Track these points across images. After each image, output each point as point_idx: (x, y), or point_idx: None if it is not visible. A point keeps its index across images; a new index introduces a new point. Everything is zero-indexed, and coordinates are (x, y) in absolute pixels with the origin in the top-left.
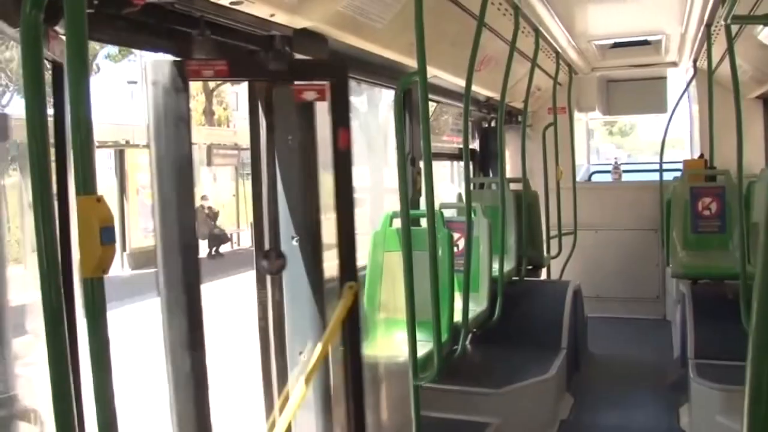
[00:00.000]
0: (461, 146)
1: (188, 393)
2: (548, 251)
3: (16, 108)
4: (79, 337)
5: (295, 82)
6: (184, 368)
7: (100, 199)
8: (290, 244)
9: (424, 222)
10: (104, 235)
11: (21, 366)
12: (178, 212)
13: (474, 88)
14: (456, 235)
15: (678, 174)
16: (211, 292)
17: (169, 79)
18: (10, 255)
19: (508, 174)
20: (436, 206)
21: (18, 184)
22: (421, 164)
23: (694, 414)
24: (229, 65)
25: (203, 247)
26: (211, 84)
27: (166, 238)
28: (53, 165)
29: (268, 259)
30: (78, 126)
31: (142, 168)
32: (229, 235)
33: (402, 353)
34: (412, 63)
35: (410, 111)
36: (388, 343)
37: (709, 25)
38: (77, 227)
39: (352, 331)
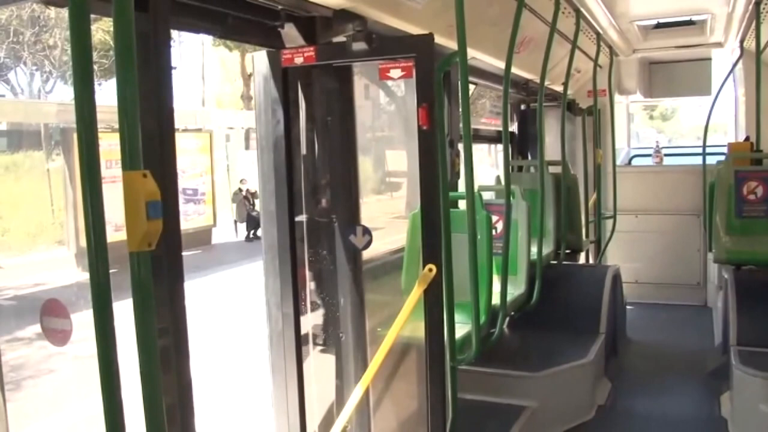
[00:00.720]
0: (499, 129)
1: (283, 341)
2: (587, 235)
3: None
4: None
5: (380, 61)
6: (279, 322)
7: (146, 175)
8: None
9: (461, 204)
10: (150, 210)
11: None
12: (276, 185)
13: (513, 70)
14: (494, 218)
15: (721, 158)
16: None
17: (267, 68)
18: (54, 237)
19: (547, 157)
20: (475, 189)
21: (62, 168)
22: (460, 146)
23: (736, 402)
24: (316, 51)
25: (242, 230)
26: (249, 69)
27: (265, 207)
28: None
29: (356, 235)
30: (125, 104)
31: (181, 152)
32: None
33: None
34: (450, 44)
35: (449, 93)
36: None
37: (758, 3)
38: (123, 202)
39: (431, 312)
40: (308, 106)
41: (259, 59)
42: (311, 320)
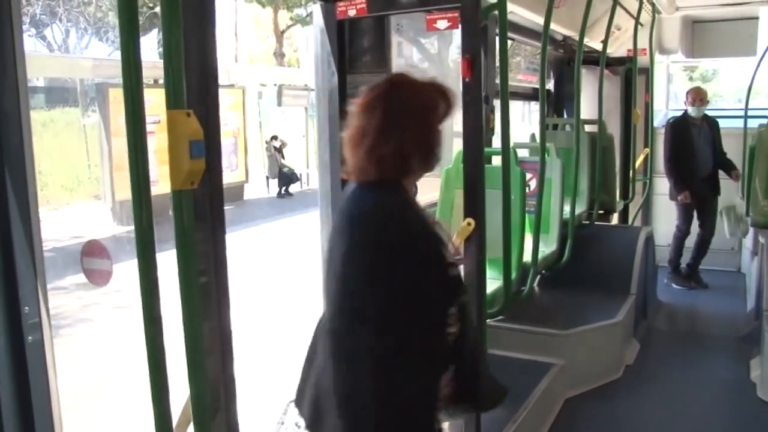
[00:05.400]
0: (534, 86)
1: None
2: (621, 196)
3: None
4: None
5: (428, 13)
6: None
7: (189, 114)
8: None
9: (495, 160)
10: (193, 149)
11: None
12: (330, 134)
13: (552, 25)
14: (528, 176)
15: (763, 121)
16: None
17: (323, 21)
18: (91, 192)
19: (583, 116)
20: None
21: (97, 124)
22: (495, 102)
23: (766, 366)
24: (367, 2)
25: (273, 186)
26: (281, 26)
27: (320, 156)
28: None
29: None
30: (170, 47)
31: None
32: (299, 175)
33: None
34: None
35: (485, 48)
36: None
37: None
38: (167, 141)
39: (470, 265)
40: (360, 57)
41: (316, 12)
42: None
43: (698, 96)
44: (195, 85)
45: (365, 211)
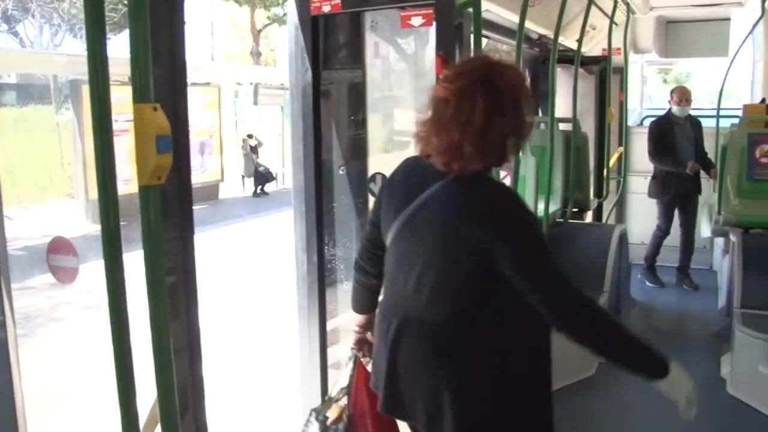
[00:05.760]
0: None
1: (307, 282)
2: (595, 194)
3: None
4: None
5: (402, 9)
6: (304, 265)
7: (156, 108)
8: (337, 174)
9: None
10: (160, 144)
11: None
12: (304, 131)
13: (527, 24)
14: (502, 173)
15: (735, 121)
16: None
17: (297, 17)
18: (64, 190)
19: (558, 114)
20: None
21: (71, 122)
22: None
23: (736, 363)
24: None
25: (249, 186)
26: (258, 25)
27: (294, 153)
28: None
29: (375, 182)
30: (136, 39)
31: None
32: (274, 175)
33: None
34: None
35: (460, 46)
36: None
37: None
38: (134, 135)
39: None
40: (334, 54)
41: (290, 8)
42: (333, 263)
43: (683, 96)
44: (163, 79)
45: (507, 211)
